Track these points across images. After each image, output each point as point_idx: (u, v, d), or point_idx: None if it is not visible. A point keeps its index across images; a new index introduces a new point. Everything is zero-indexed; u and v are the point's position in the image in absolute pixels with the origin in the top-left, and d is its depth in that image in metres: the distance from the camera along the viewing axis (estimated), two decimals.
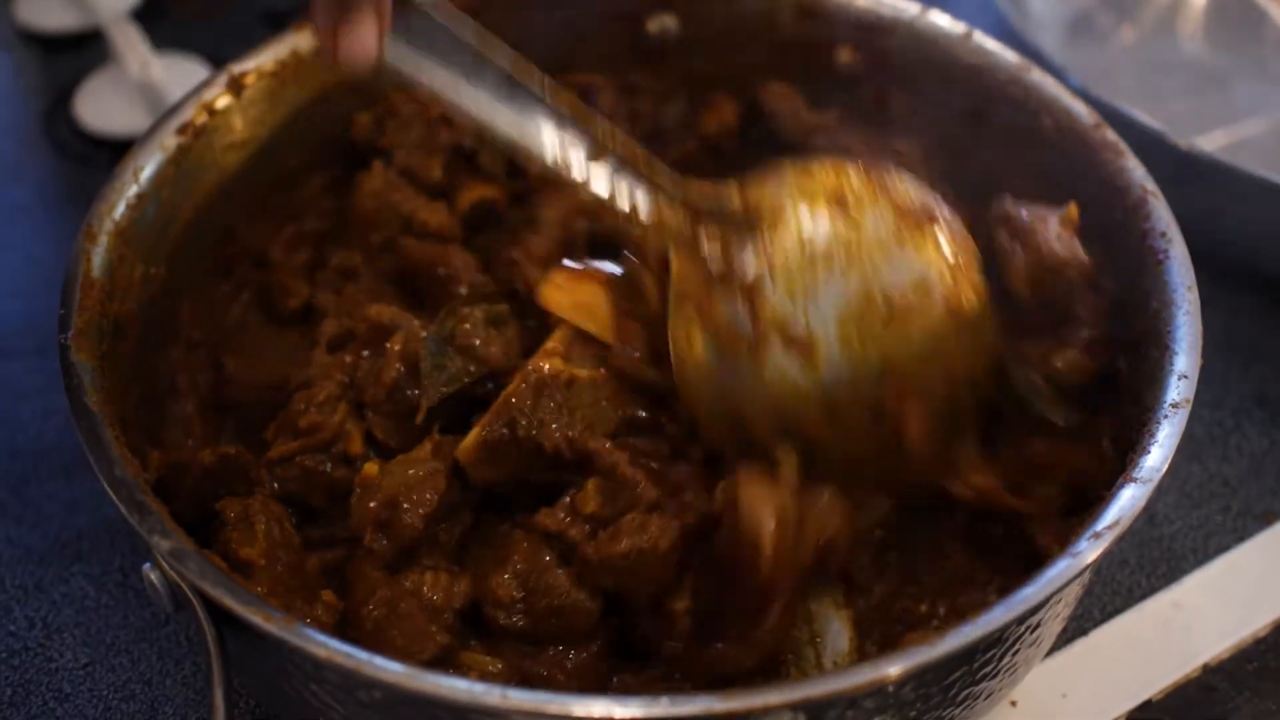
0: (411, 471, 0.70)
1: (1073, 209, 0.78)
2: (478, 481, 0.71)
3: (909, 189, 0.72)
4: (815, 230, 0.69)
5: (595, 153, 0.70)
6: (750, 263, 0.69)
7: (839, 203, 0.70)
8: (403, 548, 0.70)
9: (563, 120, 0.69)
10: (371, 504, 0.70)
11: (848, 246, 0.69)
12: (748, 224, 0.70)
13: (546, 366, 0.71)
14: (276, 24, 1.24)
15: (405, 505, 0.69)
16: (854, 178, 0.71)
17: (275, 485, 0.73)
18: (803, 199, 0.70)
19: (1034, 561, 0.64)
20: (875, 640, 0.73)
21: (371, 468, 0.72)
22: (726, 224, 0.70)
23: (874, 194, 0.70)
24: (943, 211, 0.72)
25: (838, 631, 0.72)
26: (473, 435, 0.71)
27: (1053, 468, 0.75)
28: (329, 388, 0.75)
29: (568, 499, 0.70)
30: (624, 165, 0.70)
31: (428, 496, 0.70)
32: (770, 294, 0.68)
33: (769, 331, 0.68)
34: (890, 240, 0.69)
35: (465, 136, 0.90)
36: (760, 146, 0.95)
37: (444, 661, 0.68)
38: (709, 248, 0.70)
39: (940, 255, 0.70)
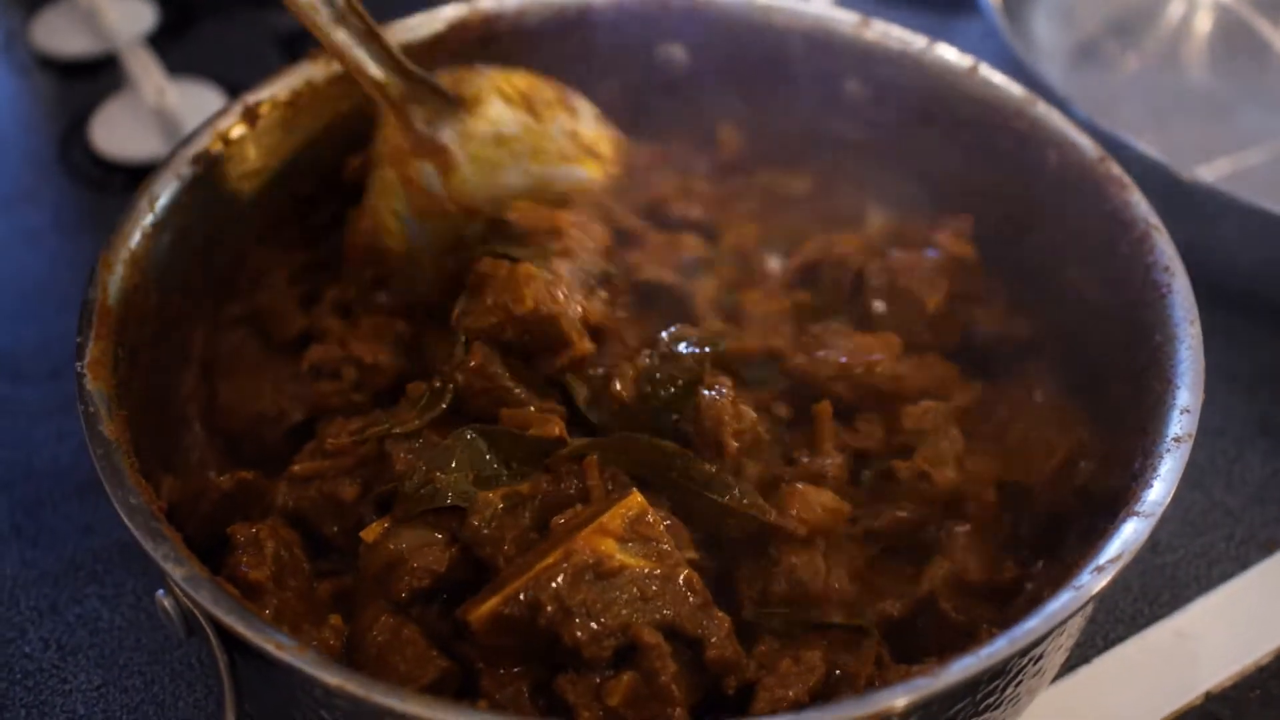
0: (414, 539, 0.69)
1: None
2: (488, 645, 0.66)
3: (592, 123, 0.87)
4: (507, 120, 0.83)
5: (339, 18, 0.80)
6: (448, 135, 0.82)
7: (529, 104, 0.84)
8: (400, 602, 0.69)
9: None
10: (373, 562, 0.69)
11: (531, 140, 0.83)
12: (452, 103, 0.82)
13: (600, 549, 0.65)
14: (288, 48, 1.26)
15: (403, 573, 0.68)
16: (547, 90, 0.85)
17: (290, 503, 0.73)
18: (500, 94, 0.83)
19: None
20: None
21: (368, 533, 0.70)
22: (436, 100, 0.82)
23: (564, 111, 0.85)
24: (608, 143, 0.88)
25: None
26: (488, 606, 0.65)
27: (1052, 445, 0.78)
28: (367, 422, 0.75)
29: (596, 679, 0.64)
30: (360, 33, 0.81)
31: (430, 567, 0.68)
32: (460, 166, 0.82)
33: (450, 198, 0.82)
34: (564, 151, 0.85)
35: None
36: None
37: (445, 686, 0.68)
38: (418, 115, 0.82)
39: (599, 176, 0.86)
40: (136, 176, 1.05)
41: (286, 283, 0.89)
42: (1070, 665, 0.81)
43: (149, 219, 0.79)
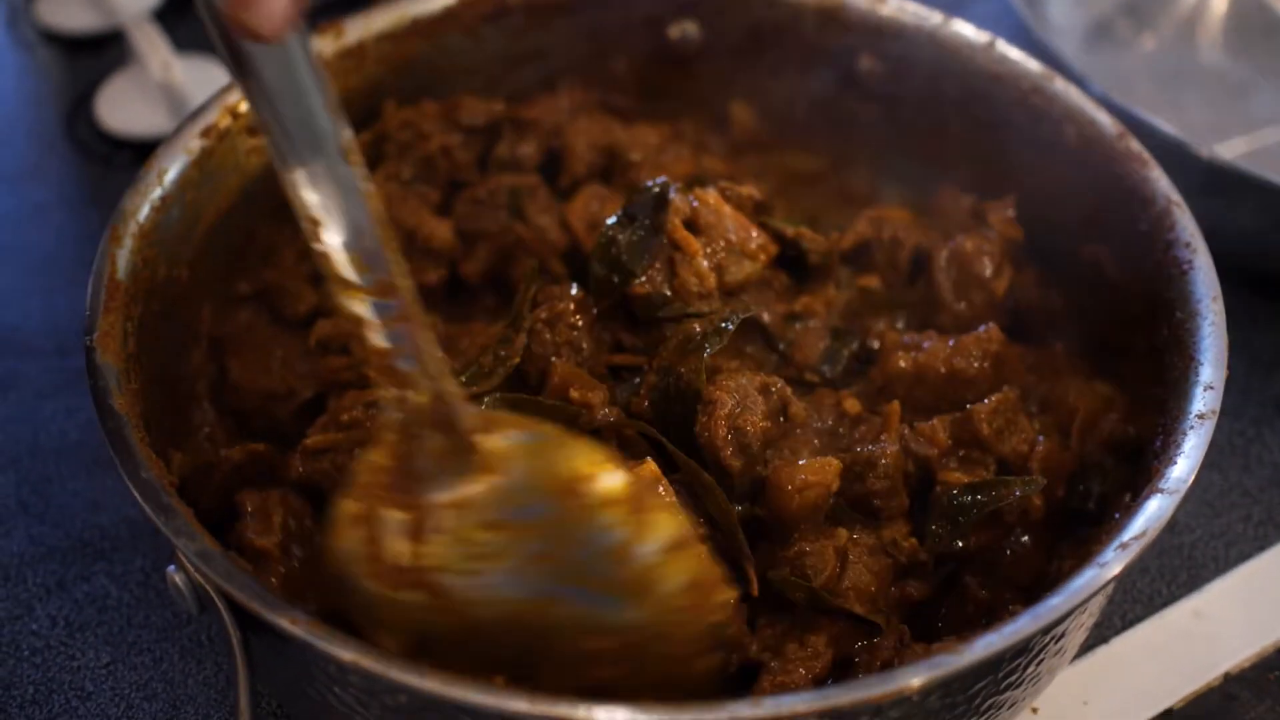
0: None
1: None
2: None
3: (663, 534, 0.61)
4: (524, 499, 0.61)
5: (383, 288, 0.61)
6: (441, 493, 0.61)
7: (567, 491, 0.61)
8: None
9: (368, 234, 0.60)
10: None
11: (550, 540, 0.60)
12: (466, 451, 0.61)
13: None
14: None
15: None
16: (615, 480, 0.61)
17: (303, 471, 0.73)
18: (533, 464, 0.61)
19: None
20: None
21: None
22: (451, 438, 0.61)
23: (627, 511, 0.61)
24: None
25: None
26: None
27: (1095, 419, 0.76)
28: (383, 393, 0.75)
29: None
30: (402, 315, 0.61)
31: None
32: (438, 537, 0.60)
33: (419, 569, 0.60)
34: (598, 568, 0.60)
35: (462, 172, 0.90)
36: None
37: None
38: (422, 447, 0.61)
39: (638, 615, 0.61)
40: (142, 152, 1.04)
41: (296, 259, 0.89)
42: (1089, 645, 0.81)
43: (157, 192, 0.78)
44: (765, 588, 0.69)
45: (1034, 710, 0.77)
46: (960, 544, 0.71)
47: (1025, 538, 0.73)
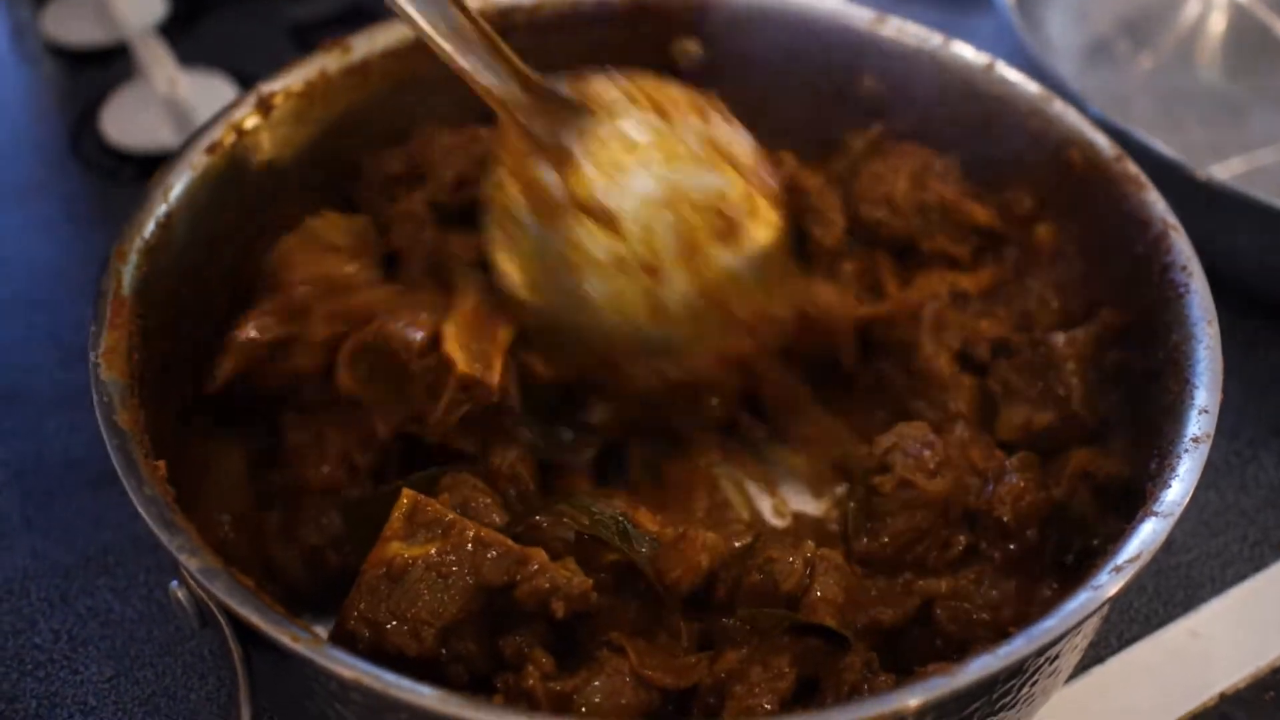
0: None
1: None
2: None
3: (729, 130, 0.80)
4: (635, 125, 0.77)
5: (452, 28, 0.77)
6: (571, 138, 0.76)
7: (660, 110, 0.78)
8: None
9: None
10: None
11: (663, 144, 0.77)
12: (575, 108, 0.77)
13: (385, 556, 0.67)
14: (301, 39, 1.26)
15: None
16: (675, 92, 0.80)
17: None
18: (629, 97, 0.78)
19: None
20: None
21: None
22: (556, 105, 0.77)
23: (696, 115, 0.79)
24: (758, 166, 0.81)
25: None
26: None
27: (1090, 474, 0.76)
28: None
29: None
30: (472, 40, 0.78)
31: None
32: (583, 167, 0.75)
33: (574, 201, 0.75)
34: (699, 155, 0.78)
35: None
36: None
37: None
38: (538, 123, 0.77)
39: (739, 186, 0.78)
40: (147, 167, 1.05)
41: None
42: (1084, 665, 0.81)
43: (162, 208, 0.78)
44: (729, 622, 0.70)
45: None
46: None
47: (995, 589, 0.73)
